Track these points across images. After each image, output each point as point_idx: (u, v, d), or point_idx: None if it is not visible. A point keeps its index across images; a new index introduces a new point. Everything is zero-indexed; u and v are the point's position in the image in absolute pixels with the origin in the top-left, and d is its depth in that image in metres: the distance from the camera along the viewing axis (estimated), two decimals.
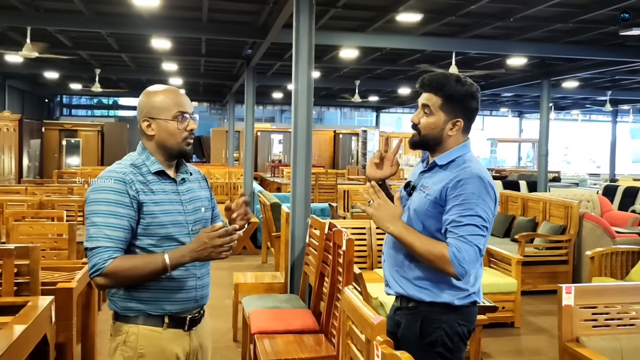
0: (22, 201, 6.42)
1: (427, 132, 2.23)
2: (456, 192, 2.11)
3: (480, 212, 2.08)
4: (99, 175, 2.04)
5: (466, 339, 2.24)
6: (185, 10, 8.84)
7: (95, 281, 1.96)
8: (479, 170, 2.15)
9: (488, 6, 8.07)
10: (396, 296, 2.31)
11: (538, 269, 6.73)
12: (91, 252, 1.95)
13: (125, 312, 2.04)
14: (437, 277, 2.17)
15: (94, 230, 1.95)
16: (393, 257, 2.28)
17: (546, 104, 12.71)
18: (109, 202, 1.97)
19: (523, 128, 28.47)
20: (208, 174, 13.68)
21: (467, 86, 2.20)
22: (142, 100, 2.12)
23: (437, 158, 2.23)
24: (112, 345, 2.08)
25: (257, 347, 3.55)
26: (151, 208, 2.02)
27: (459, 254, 2.05)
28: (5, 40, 11.16)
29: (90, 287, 4.24)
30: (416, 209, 2.21)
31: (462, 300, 2.19)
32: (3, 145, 14.68)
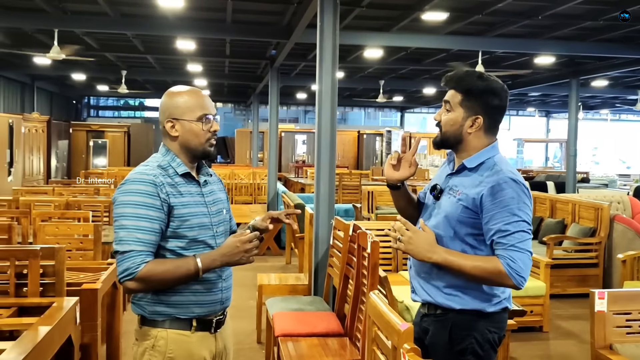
0: (49, 202, 6.50)
1: (447, 128, 2.17)
2: (495, 199, 2.03)
3: (523, 216, 2.02)
4: (127, 178, 2.01)
5: (497, 346, 2.17)
6: (209, 11, 8.87)
7: (126, 285, 1.93)
8: (511, 173, 2.08)
9: (515, 4, 7.93)
10: (423, 303, 2.24)
11: (567, 272, 6.60)
12: (122, 255, 1.92)
13: (154, 316, 2.02)
14: (466, 284, 2.10)
15: (125, 233, 1.93)
16: (419, 264, 2.21)
17: (575, 104, 12.48)
18: (139, 205, 1.94)
19: (550, 128, 28.05)
20: (232, 174, 13.73)
21: (489, 82, 2.12)
22: (165, 101, 2.10)
23: (466, 160, 2.16)
24: (138, 350, 2.05)
25: (281, 350, 3.52)
26: (181, 211, 2.00)
27: (515, 265, 1.98)
28: (33, 42, 11.34)
29: (115, 287, 4.26)
30: (447, 214, 2.13)
31: (493, 307, 2.12)
32: (32, 146, 14.93)
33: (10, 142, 13.25)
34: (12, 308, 3.10)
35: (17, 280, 3.25)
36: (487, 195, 2.04)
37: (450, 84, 2.17)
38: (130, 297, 2.10)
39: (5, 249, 3.46)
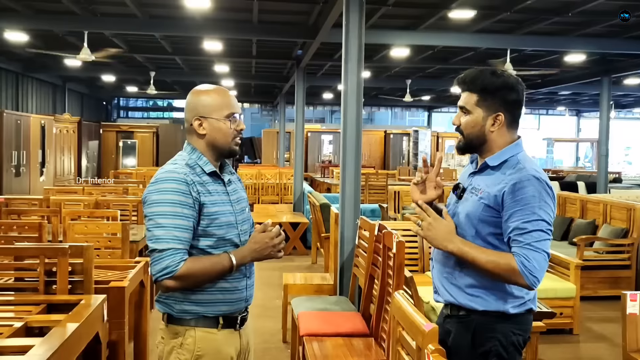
0: (79, 201, 6.60)
1: (469, 131, 2.13)
2: (515, 197, 1.99)
3: (543, 215, 1.97)
4: (157, 177, 2.02)
5: (521, 348, 2.12)
6: (235, 12, 8.93)
7: (164, 284, 1.94)
8: (534, 171, 2.03)
9: (545, 1, 7.82)
10: (445, 304, 2.21)
11: (598, 274, 6.47)
12: (160, 253, 1.93)
13: (182, 314, 2.03)
14: (490, 285, 2.06)
15: (162, 231, 1.93)
16: (442, 264, 2.18)
17: (606, 102, 12.24)
18: (174, 203, 1.95)
19: (581, 127, 27.57)
20: (259, 174, 13.79)
21: (504, 77, 2.09)
22: (192, 99, 2.11)
23: (489, 159, 2.12)
24: (165, 349, 2.06)
25: (306, 349, 3.52)
26: (210, 209, 2.01)
27: (529, 264, 1.94)
28: (64, 44, 11.57)
29: (142, 286, 4.29)
30: (469, 213, 2.10)
31: (517, 309, 2.07)
32: (63, 147, 15.23)
33: (43, 143, 13.54)
34: (41, 305, 3.14)
35: (47, 278, 3.30)
36: (508, 192, 2.00)
37: (464, 86, 2.14)
38: (156, 296, 2.11)
39: (35, 247, 3.53)
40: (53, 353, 2.32)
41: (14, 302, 3.18)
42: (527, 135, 25.86)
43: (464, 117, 2.14)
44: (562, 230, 7.69)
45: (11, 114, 11.88)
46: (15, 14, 8.89)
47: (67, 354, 2.55)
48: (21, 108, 15.06)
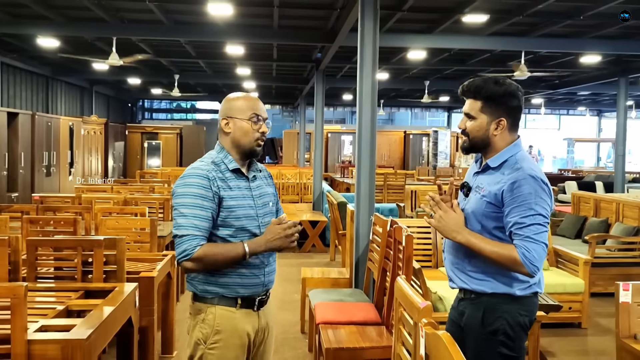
0: (108, 199, 6.93)
1: (474, 135, 2.37)
2: (513, 195, 2.22)
3: (540, 210, 2.20)
4: (185, 172, 2.32)
5: (527, 328, 2.34)
6: (257, 17, 9.20)
7: (183, 265, 2.23)
8: (531, 169, 2.25)
9: (556, 5, 7.94)
10: (459, 289, 2.45)
11: (610, 271, 6.58)
12: (180, 239, 2.21)
13: (204, 293, 2.30)
14: (497, 270, 2.29)
15: (184, 220, 2.21)
16: (453, 255, 2.43)
17: (623, 102, 12.27)
18: (195, 196, 2.23)
19: (602, 127, 27.33)
20: (279, 174, 14.04)
21: (506, 86, 2.32)
22: (224, 103, 2.41)
23: (490, 160, 2.35)
24: (192, 323, 2.34)
25: (322, 336, 3.73)
26: (229, 203, 2.28)
27: (529, 254, 2.17)
28: (92, 49, 11.96)
29: (169, 277, 4.57)
30: (473, 210, 2.33)
31: (523, 291, 2.29)
32: (91, 147, 15.66)
33: (71, 144, 13.96)
34: (79, 292, 3.42)
35: (83, 268, 3.60)
36: (507, 190, 2.24)
37: (469, 94, 2.38)
38: (185, 278, 2.39)
39: (73, 239, 3.81)
40: (93, 331, 2.62)
41: (55, 289, 3.47)
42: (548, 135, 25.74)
43: (469, 122, 2.38)
44: (576, 229, 7.81)
45: (42, 116, 12.29)
46: (48, 21, 9.29)
47: (104, 333, 2.85)
48: (51, 110, 15.54)
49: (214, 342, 2.28)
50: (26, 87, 14.16)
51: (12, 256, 3.54)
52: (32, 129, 11.67)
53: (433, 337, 1.84)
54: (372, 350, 3.56)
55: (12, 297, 2.39)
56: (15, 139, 11.03)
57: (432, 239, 5.97)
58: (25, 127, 11.39)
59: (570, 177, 16.09)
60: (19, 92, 13.77)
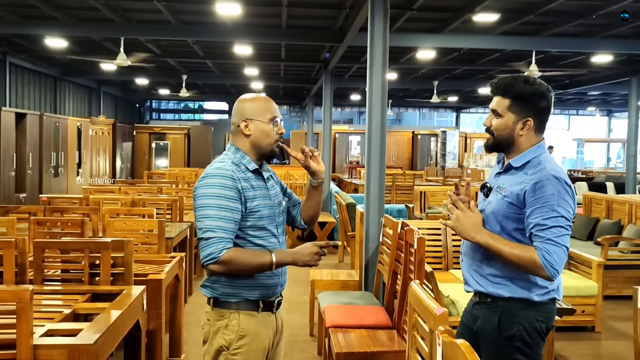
0: (116, 199, 6.90)
1: (499, 133, 2.29)
2: (536, 195, 2.16)
3: (562, 212, 2.14)
4: (207, 172, 2.27)
5: (544, 335, 2.27)
6: (265, 17, 9.16)
7: (209, 268, 2.18)
8: (554, 170, 2.19)
9: (568, 4, 7.87)
10: (475, 292, 2.39)
11: (623, 274, 6.50)
12: (207, 241, 2.16)
13: (227, 297, 2.26)
14: (515, 275, 2.23)
15: (209, 222, 2.17)
16: (471, 257, 2.36)
17: (635, 102, 12.15)
18: (220, 197, 2.19)
19: (612, 127, 27.15)
20: (287, 175, 14.00)
21: (536, 86, 2.24)
22: (240, 105, 2.36)
23: (512, 160, 2.29)
24: (211, 330, 2.29)
25: (332, 340, 3.68)
26: (253, 203, 2.26)
27: (550, 257, 2.11)
28: (100, 49, 11.97)
29: (177, 280, 4.53)
30: (494, 210, 2.27)
31: (541, 297, 2.23)
32: (99, 148, 15.69)
33: (79, 144, 13.98)
34: (86, 294, 3.38)
35: (90, 270, 3.56)
36: (529, 191, 2.17)
37: (497, 91, 2.29)
38: (202, 281, 2.34)
39: (80, 241, 3.78)
40: (100, 335, 2.57)
41: (62, 292, 3.44)
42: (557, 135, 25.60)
43: (495, 119, 2.30)
44: (588, 231, 7.73)
45: (50, 116, 12.31)
46: (56, 22, 9.29)
47: (112, 337, 2.81)
48: (59, 111, 15.57)
49: (238, 347, 2.25)
50: (34, 87, 14.19)
51: (19, 258, 3.51)
52: (40, 129, 11.70)
53: (451, 345, 1.78)
54: (384, 354, 3.52)
55: (18, 302, 2.34)
56: (23, 140, 11.05)
57: (442, 241, 5.91)
58: (33, 127, 11.41)
59: (581, 178, 15.97)
60: (27, 92, 13.80)
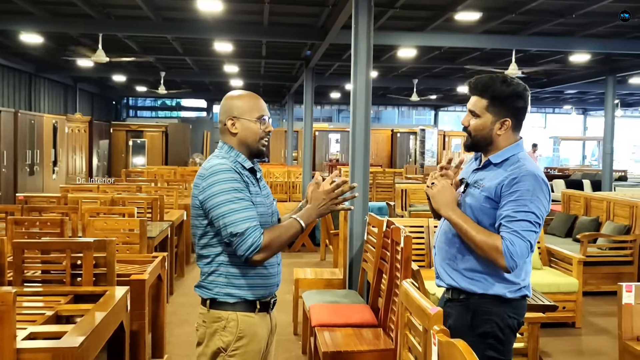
0: (95, 198, 6.78)
1: (477, 133, 2.31)
2: (511, 189, 2.18)
3: (534, 209, 2.15)
4: (211, 170, 2.19)
5: (516, 331, 2.31)
6: (247, 14, 9.10)
7: (255, 259, 2.14)
8: (533, 168, 2.22)
9: (549, 3, 7.95)
10: (447, 288, 2.39)
11: (601, 270, 6.59)
12: (243, 235, 2.12)
13: (226, 298, 2.22)
14: (489, 270, 2.24)
15: (237, 215, 2.12)
16: (445, 251, 2.37)
17: (611, 101, 12.34)
18: (237, 190, 2.15)
19: (588, 126, 27.59)
20: (268, 173, 13.96)
21: (513, 86, 2.25)
22: (227, 102, 2.32)
23: (492, 157, 2.31)
24: (207, 331, 2.24)
25: (318, 339, 3.67)
26: (255, 199, 2.22)
27: (512, 248, 2.12)
28: (76, 45, 11.76)
29: (160, 279, 4.47)
30: (471, 205, 2.28)
31: (513, 294, 2.25)
32: (75, 146, 15.45)
33: (54, 142, 13.75)
34: (68, 296, 3.31)
35: (72, 271, 3.48)
36: (506, 185, 2.20)
37: (475, 91, 2.30)
38: (198, 281, 2.29)
39: (61, 242, 3.71)
40: (85, 338, 2.51)
41: (43, 293, 3.35)
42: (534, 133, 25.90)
43: (473, 119, 2.31)
44: (567, 227, 7.81)
45: (25, 114, 12.09)
46: (32, 17, 9.10)
47: (97, 339, 2.75)
48: (34, 108, 15.28)
49: (235, 348, 2.22)
50: (8, 84, 13.91)
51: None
52: (15, 127, 11.49)
53: (447, 345, 1.77)
54: (370, 353, 3.52)
55: (0, 305, 2.27)
56: None
57: (425, 239, 5.93)
58: (7, 125, 11.19)
59: (557, 176, 16.16)
60: (1, 89, 13.53)
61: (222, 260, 2.22)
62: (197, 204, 2.22)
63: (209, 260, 2.24)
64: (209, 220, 2.19)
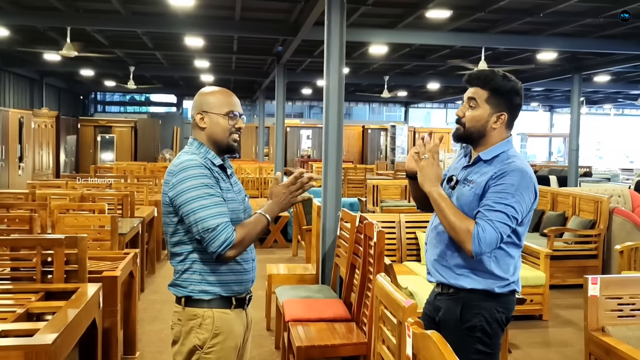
0: (64, 195, 6.67)
1: (472, 124, 2.32)
2: (497, 182, 2.21)
3: (514, 203, 2.18)
4: (181, 166, 2.18)
5: (504, 325, 2.34)
6: (218, 9, 9.04)
7: (227, 255, 2.14)
8: (523, 165, 2.25)
9: (518, 2, 8.09)
10: (437, 283, 2.42)
11: (567, 263, 6.75)
12: (215, 230, 2.11)
13: (201, 295, 2.21)
14: (477, 266, 2.27)
15: (208, 211, 2.12)
16: (434, 248, 2.40)
17: (577, 99, 12.61)
18: (207, 185, 2.15)
19: (554, 123, 28.12)
20: (239, 169, 13.89)
21: (513, 82, 2.31)
22: (199, 97, 2.32)
23: (482, 153, 2.32)
24: (183, 329, 2.23)
25: (291, 333, 3.68)
26: (225, 195, 2.22)
27: (482, 234, 2.16)
28: (43, 39, 11.53)
29: (132, 276, 4.44)
30: (460, 201, 2.30)
31: (502, 289, 2.29)
32: (41, 141, 15.13)
33: (20, 137, 13.45)
34: (39, 293, 3.27)
35: (43, 268, 3.43)
36: (492, 178, 2.23)
37: (477, 82, 2.32)
38: (172, 280, 2.28)
39: (32, 238, 3.66)
40: (59, 335, 2.49)
41: (13, 291, 3.30)
42: None
43: (470, 110, 2.32)
44: (534, 222, 7.97)
45: None
46: None
47: (70, 337, 2.72)
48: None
49: (211, 345, 2.21)
50: None
51: None
52: None
53: (422, 336, 1.80)
54: (344, 347, 3.56)
55: None
56: None
57: (396, 234, 6.00)
58: None
59: None
60: None
61: (195, 258, 2.21)
62: (167, 201, 2.20)
63: (182, 258, 2.23)
64: (180, 217, 2.17)
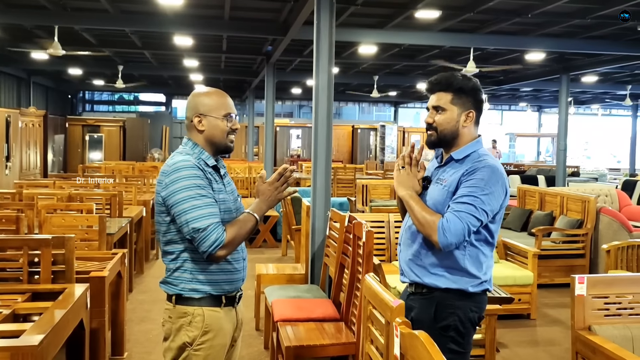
0: (51, 194, 6.63)
1: (444, 127, 2.35)
2: (467, 178, 2.26)
3: (482, 196, 2.22)
4: (174, 167, 2.20)
5: (476, 324, 2.37)
6: (207, 8, 9.01)
7: (217, 255, 2.16)
8: (494, 162, 2.30)
9: (507, 2, 8.13)
10: (410, 283, 2.44)
11: (555, 263, 6.80)
12: (205, 231, 2.13)
13: (191, 293, 2.23)
14: (452, 265, 2.30)
15: (200, 211, 2.14)
16: (408, 247, 2.42)
17: (565, 99, 12.70)
18: (199, 186, 2.17)
19: (542, 123, 28.30)
20: (229, 168, 13.81)
21: (473, 81, 2.37)
22: (193, 99, 2.33)
23: (454, 153, 2.37)
24: (173, 327, 2.26)
25: (280, 333, 3.68)
26: (218, 196, 2.24)
27: (447, 225, 2.19)
28: (31, 37, 11.44)
29: (120, 276, 4.42)
30: (434, 201, 2.33)
31: (475, 288, 2.32)
32: (29, 141, 15.01)
33: (7, 137, 13.33)
34: (26, 294, 3.25)
35: (30, 268, 3.40)
36: (464, 175, 2.28)
37: (438, 87, 2.37)
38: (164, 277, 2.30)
39: (19, 239, 3.62)
40: (45, 336, 2.48)
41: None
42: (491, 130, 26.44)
43: (438, 115, 2.36)
44: (522, 222, 8.03)
45: None
46: None
47: (57, 338, 2.71)
48: None
49: (201, 343, 2.24)
50: None
51: None
52: None
53: (409, 336, 1.81)
54: (333, 347, 3.56)
55: None
56: None
57: (385, 234, 6.02)
58: None
59: (513, 171, 16.55)
60: None
61: (187, 257, 2.23)
62: (159, 201, 2.23)
63: (173, 257, 2.25)
64: (172, 216, 2.20)
